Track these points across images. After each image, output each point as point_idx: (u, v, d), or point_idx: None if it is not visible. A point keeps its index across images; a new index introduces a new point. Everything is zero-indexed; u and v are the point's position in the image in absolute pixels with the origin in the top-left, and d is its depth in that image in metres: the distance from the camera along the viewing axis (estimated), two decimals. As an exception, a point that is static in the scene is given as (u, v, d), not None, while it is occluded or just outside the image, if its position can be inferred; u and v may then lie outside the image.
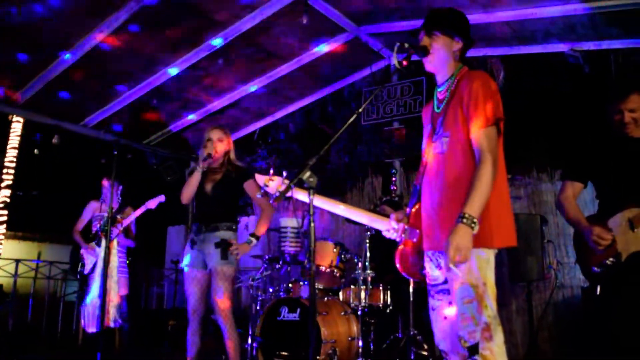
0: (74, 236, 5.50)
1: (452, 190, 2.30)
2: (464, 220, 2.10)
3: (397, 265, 2.61)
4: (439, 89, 2.52)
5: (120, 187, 5.47)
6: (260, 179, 2.57)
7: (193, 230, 4.00)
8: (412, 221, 2.56)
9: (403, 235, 2.55)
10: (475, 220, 2.11)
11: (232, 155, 4.08)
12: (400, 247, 2.60)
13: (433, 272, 2.43)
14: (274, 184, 2.50)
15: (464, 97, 2.31)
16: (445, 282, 2.35)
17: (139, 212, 5.10)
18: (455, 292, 2.23)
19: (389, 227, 2.56)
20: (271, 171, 2.56)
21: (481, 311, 2.15)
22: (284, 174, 2.53)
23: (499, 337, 2.16)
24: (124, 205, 5.53)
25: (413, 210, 2.58)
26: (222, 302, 3.75)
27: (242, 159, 9.76)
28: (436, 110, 2.51)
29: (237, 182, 4.00)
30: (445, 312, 2.38)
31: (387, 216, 2.60)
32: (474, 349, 2.15)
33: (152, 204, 4.95)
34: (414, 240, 2.53)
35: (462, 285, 2.20)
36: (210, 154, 3.87)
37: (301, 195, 2.40)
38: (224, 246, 3.80)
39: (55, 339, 7.27)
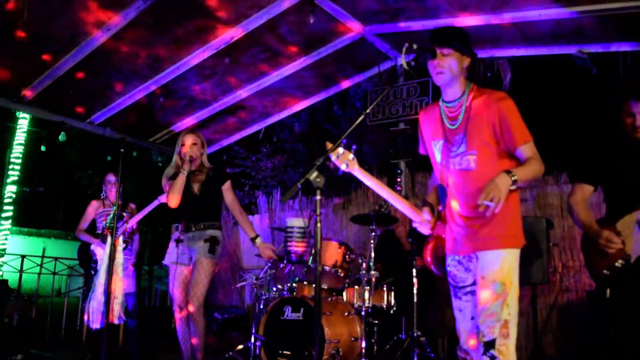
0: (79, 236, 5.42)
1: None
2: (509, 173, 2.26)
3: (428, 259, 2.75)
4: (448, 105, 2.58)
5: (122, 184, 5.43)
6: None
7: (179, 229, 4.22)
8: (444, 219, 2.70)
9: (432, 231, 2.67)
10: (516, 178, 2.25)
11: (205, 158, 4.30)
12: (432, 242, 2.74)
13: (461, 274, 2.57)
14: (340, 154, 2.30)
15: (495, 116, 2.41)
16: (474, 283, 2.48)
17: (151, 206, 4.99)
18: (483, 290, 2.37)
19: (422, 219, 2.64)
20: (343, 143, 2.28)
21: (503, 308, 2.31)
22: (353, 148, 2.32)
23: (514, 335, 2.33)
24: (126, 202, 5.52)
25: (445, 209, 2.71)
26: (195, 291, 3.92)
27: (247, 158, 9.78)
28: (449, 126, 2.57)
29: (217, 183, 4.23)
30: (472, 313, 2.52)
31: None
32: (490, 344, 2.29)
33: (164, 198, 4.87)
34: (444, 236, 2.68)
35: (494, 282, 2.34)
36: (192, 157, 4.10)
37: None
38: (213, 242, 4.07)
39: (60, 335, 7.30)
